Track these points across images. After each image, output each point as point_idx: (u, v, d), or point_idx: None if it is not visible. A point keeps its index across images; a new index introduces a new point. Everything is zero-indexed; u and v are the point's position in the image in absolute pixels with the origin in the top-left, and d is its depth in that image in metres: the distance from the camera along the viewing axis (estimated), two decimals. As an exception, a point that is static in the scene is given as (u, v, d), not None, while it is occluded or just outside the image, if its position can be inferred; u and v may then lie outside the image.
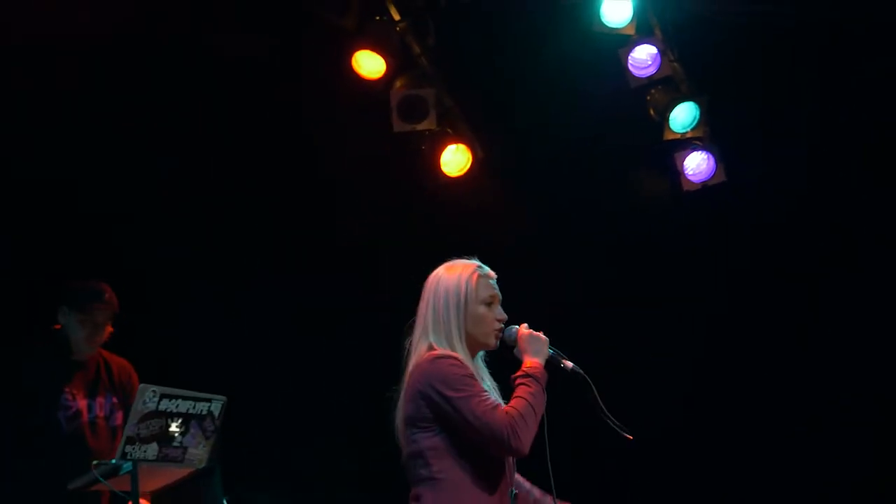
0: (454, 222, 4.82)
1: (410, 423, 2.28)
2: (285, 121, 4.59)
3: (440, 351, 2.30)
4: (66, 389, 3.03)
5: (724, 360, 5.03)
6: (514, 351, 2.39)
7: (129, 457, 2.34)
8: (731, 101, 4.77)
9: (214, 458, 2.56)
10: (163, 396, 2.40)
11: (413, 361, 2.33)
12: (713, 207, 4.98)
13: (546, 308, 3.42)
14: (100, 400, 3.08)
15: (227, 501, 2.53)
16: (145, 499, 2.96)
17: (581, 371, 2.37)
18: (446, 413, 2.23)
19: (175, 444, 2.46)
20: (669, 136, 4.70)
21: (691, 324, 5.05)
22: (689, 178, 4.88)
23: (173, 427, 2.44)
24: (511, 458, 2.34)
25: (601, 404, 2.36)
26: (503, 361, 2.41)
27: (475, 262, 2.44)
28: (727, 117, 4.79)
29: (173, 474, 2.59)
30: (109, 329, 3.14)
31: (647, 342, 5.05)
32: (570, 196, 5.00)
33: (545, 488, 2.42)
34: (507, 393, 2.33)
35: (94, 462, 2.37)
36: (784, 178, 4.91)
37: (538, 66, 4.65)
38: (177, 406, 2.43)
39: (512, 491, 2.36)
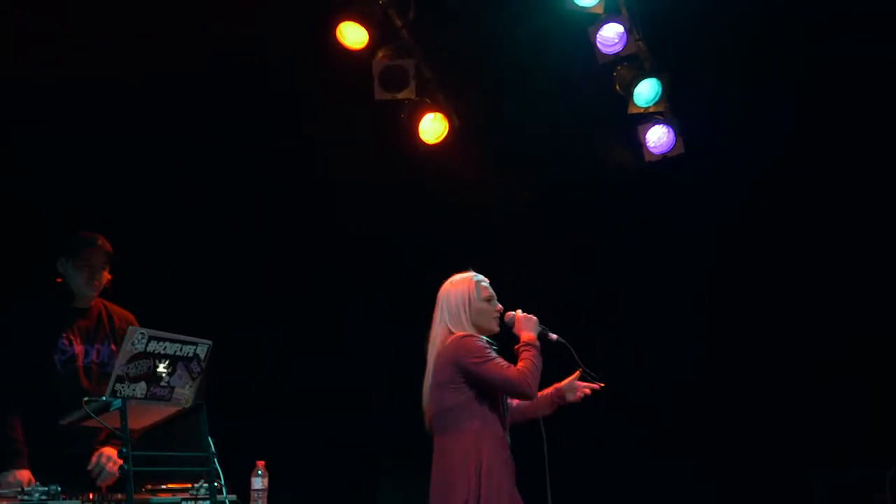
0: (431, 187, 4.86)
1: (442, 387, 2.96)
2: (273, 90, 4.58)
3: (463, 332, 2.99)
4: (65, 334, 3.06)
5: (689, 325, 5.16)
6: (513, 330, 3.08)
7: (118, 394, 2.38)
8: (692, 77, 4.83)
9: (200, 398, 2.61)
10: (151, 338, 2.43)
11: (436, 347, 3.02)
12: (673, 177, 5.06)
13: (520, 271, 3.52)
14: (98, 347, 3.11)
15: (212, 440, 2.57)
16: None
17: (563, 340, 3.11)
18: (474, 375, 2.93)
19: (162, 383, 2.49)
20: (633, 111, 4.75)
21: (658, 283, 5.17)
22: (651, 149, 4.94)
23: (161, 368, 2.47)
24: (506, 412, 3.04)
25: (578, 361, 3.12)
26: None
27: (472, 274, 3.14)
28: (688, 93, 4.84)
29: (161, 412, 2.62)
30: (107, 276, 3.17)
31: (615, 304, 5.15)
32: (540, 163, 5.05)
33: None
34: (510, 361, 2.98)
35: (86, 399, 2.40)
36: (743, 151, 5.00)
37: (513, 43, 4.66)
38: (164, 348, 2.46)
39: (509, 442, 3.03)
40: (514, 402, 3.15)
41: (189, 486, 2.69)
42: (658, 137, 4.91)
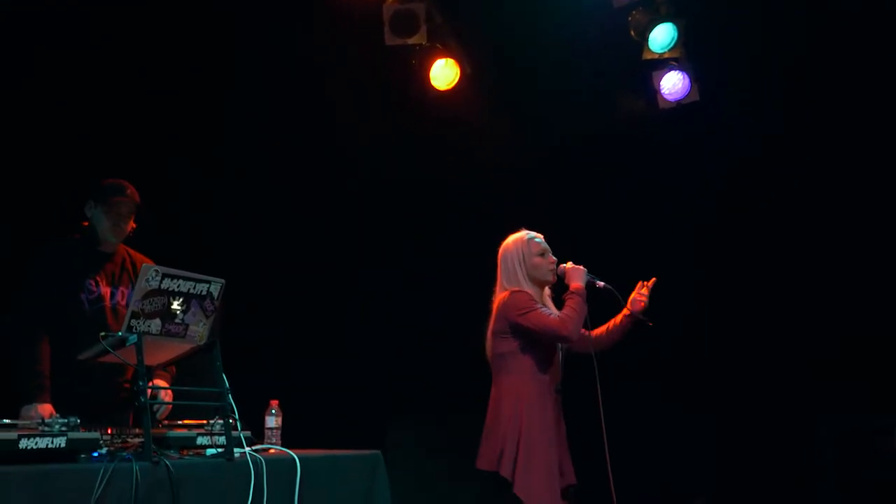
0: (442, 134, 4.78)
1: (496, 336, 3.29)
2: (285, 36, 4.49)
3: (515, 288, 3.31)
4: (92, 276, 3.08)
5: (712, 272, 5.11)
6: (565, 280, 3.35)
7: (134, 330, 2.36)
8: (708, 23, 4.70)
9: (214, 335, 2.59)
10: (164, 276, 2.40)
11: (495, 302, 3.33)
12: (687, 125, 4.97)
13: (533, 216, 3.48)
14: (122, 289, 3.14)
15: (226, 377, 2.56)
16: (161, 372, 3.05)
17: (609, 286, 3.38)
18: (520, 326, 3.24)
19: (177, 320, 2.47)
20: (648, 56, 4.65)
21: (672, 232, 5.10)
22: (665, 96, 4.84)
23: (175, 305, 2.45)
24: (560, 360, 3.35)
25: (624, 303, 3.43)
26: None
27: (525, 232, 3.42)
28: (704, 39, 4.73)
29: (176, 349, 2.61)
30: (132, 224, 3.18)
31: (629, 250, 5.07)
32: (553, 110, 4.95)
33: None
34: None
35: (102, 334, 2.39)
36: (758, 99, 4.88)
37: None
38: (178, 285, 2.44)
39: (558, 385, 3.33)
40: (581, 339, 3.37)
41: (205, 422, 2.69)
42: (673, 84, 4.83)
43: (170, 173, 4.30)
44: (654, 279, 3.48)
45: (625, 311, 3.47)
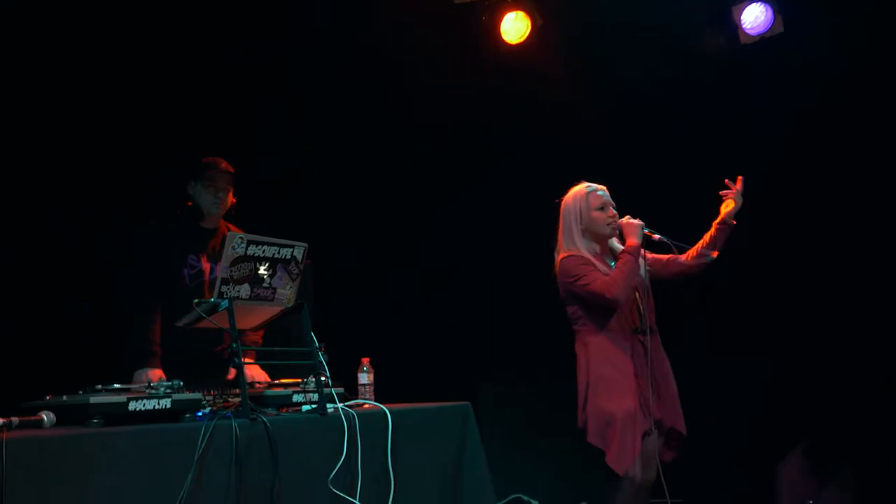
0: (514, 89, 4.69)
1: (563, 302, 3.32)
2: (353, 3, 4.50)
3: (566, 253, 3.28)
4: (193, 251, 3.23)
5: (781, 213, 4.83)
6: (622, 236, 3.31)
7: (224, 295, 2.45)
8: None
9: (303, 297, 2.66)
10: (250, 242, 2.48)
11: (557, 263, 3.32)
12: (772, 60, 4.69)
13: (607, 172, 3.40)
14: (221, 264, 3.25)
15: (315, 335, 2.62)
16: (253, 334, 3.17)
17: (665, 238, 3.31)
18: (573, 291, 3.25)
19: (265, 285, 2.55)
20: (725, -10, 4.41)
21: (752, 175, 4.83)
22: (747, 31, 4.59)
23: (262, 270, 2.52)
24: (636, 306, 3.27)
25: (676, 249, 3.35)
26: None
27: (585, 185, 3.35)
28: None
29: (267, 312, 2.69)
30: (232, 199, 3.33)
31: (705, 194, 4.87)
32: (628, 58, 4.77)
33: None
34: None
35: (196, 300, 2.49)
36: (843, 27, 4.55)
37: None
38: (263, 251, 2.50)
39: (640, 327, 3.26)
40: (680, 262, 3.41)
41: (300, 381, 2.77)
42: (755, 17, 4.57)
43: (259, 146, 4.39)
44: (740, 178, 3.37)
45: (716, 222, 3.37)
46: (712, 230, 3.37)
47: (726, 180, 3.41)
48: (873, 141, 4.64)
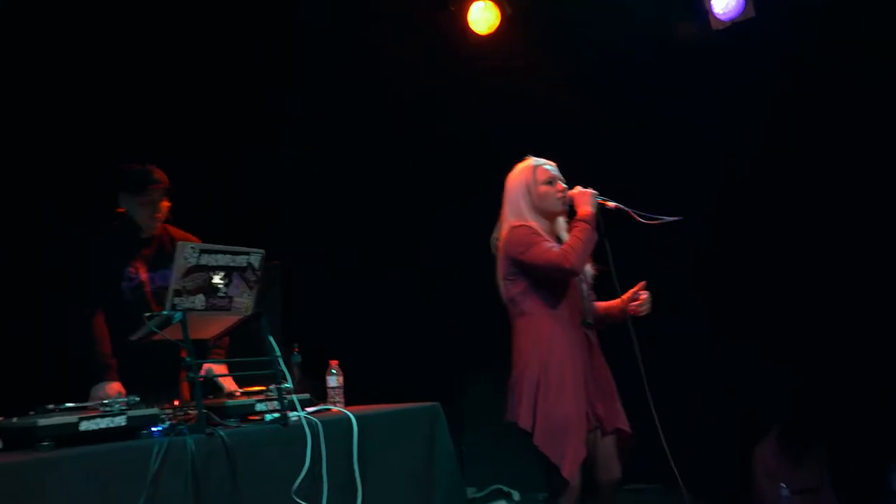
0: (482, 79, 4.62)
1: (504, 278, 3.01)
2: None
3: (515, 222, 2.99)
4: (131, 263, 3.08)
5: (760, 195, 4.78)
6: (574, 207, 3.03)
7: (177, 307, 2.38)
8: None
9: (260, 306, 2.60)
10: (202, 252, 2.40)
11: (501, 237, 3.03)
12: (743, 46, 4.62)
13: (577, 159, 3.32)
14: (163, 272, 3.06)
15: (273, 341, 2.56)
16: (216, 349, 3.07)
17: (621, 205, 3.02)
18: (524, 265, 2.95)
19: (220, 294, 2.47)
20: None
21: (726, 160, 4.79)
22: (718, 16, 4.52)
23: (216, 279, 2.44)
24: (581, 295, 3.02)
25: (640, 220, 2.99)
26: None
27: (531, 160, 3.09)
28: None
29: (224, 322, 2.63)
30: (167, 204, 3.17)
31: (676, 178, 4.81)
32: (598, 48, 4.69)
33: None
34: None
35: (147, 314, 2.41)
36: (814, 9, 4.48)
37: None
38: (217, 260, 2.42)
39: (585, 319, 3.03)
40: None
41: (263, 388, 2.71)
42: (726, 2, 4.49)
43: (259, 146, 4.30)
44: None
45: (621, 305, 3.07)
46: (618, 306, 3.10)
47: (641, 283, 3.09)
48: (849, 124, 4.58)
